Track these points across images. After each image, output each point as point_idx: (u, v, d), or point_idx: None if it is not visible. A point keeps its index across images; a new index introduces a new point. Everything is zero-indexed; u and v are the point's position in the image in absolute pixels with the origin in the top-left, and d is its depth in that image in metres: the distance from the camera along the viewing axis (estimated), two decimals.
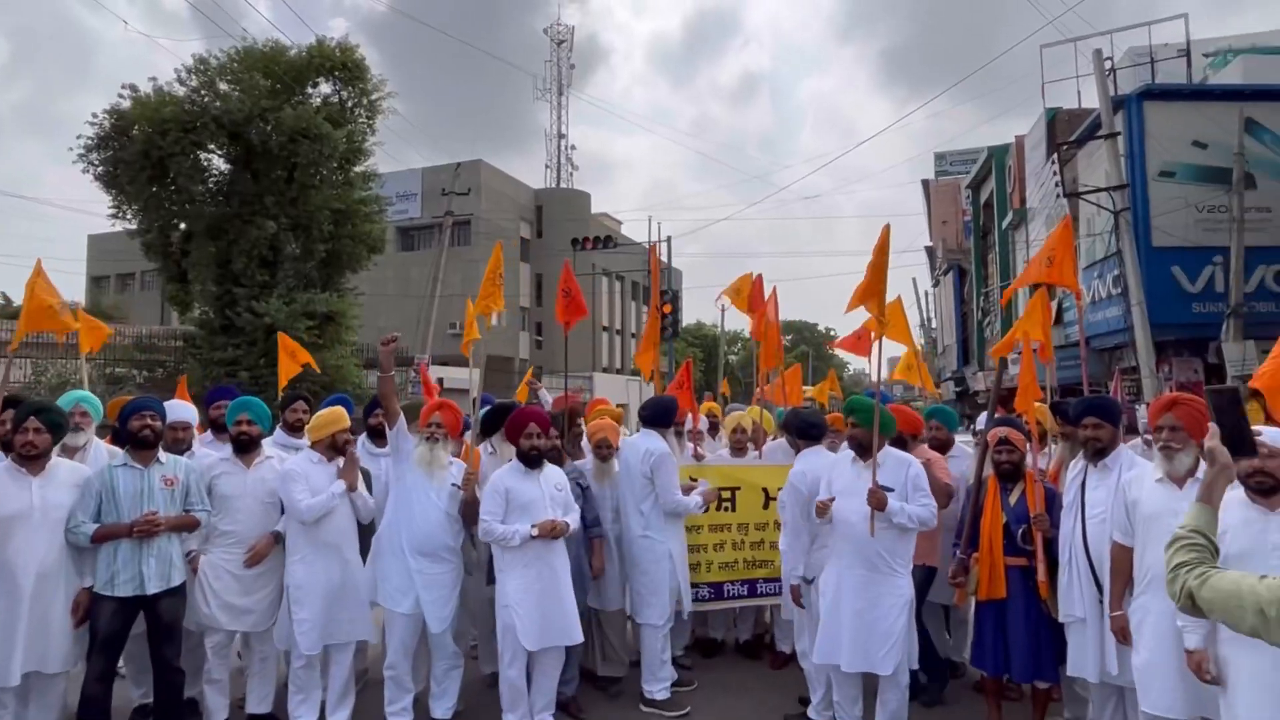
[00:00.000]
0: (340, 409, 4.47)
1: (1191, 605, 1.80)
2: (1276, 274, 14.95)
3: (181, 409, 4.56)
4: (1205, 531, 1.91)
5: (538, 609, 4.02)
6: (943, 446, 5.11)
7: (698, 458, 5.44)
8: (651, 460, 4.74)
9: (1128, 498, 3.47)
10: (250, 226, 16.56)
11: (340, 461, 4.34)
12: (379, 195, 19.03)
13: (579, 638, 4.15)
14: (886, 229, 4.37)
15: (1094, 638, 3.76)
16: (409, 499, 4.28)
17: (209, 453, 4.50)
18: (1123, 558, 3.50)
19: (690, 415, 5.84)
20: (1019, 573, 4.12)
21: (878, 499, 3.95)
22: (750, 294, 6.58)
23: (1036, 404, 4.56)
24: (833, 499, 4.06)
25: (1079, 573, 3.80)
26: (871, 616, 3.94)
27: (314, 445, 4.33)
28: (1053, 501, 4.15)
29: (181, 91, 16.57)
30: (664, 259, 29.89)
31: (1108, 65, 15.67)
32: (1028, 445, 4.36)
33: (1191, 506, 1.98)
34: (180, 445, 4.42)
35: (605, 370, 44.43)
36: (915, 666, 4.04)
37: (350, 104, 17.83)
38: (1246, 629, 1.70)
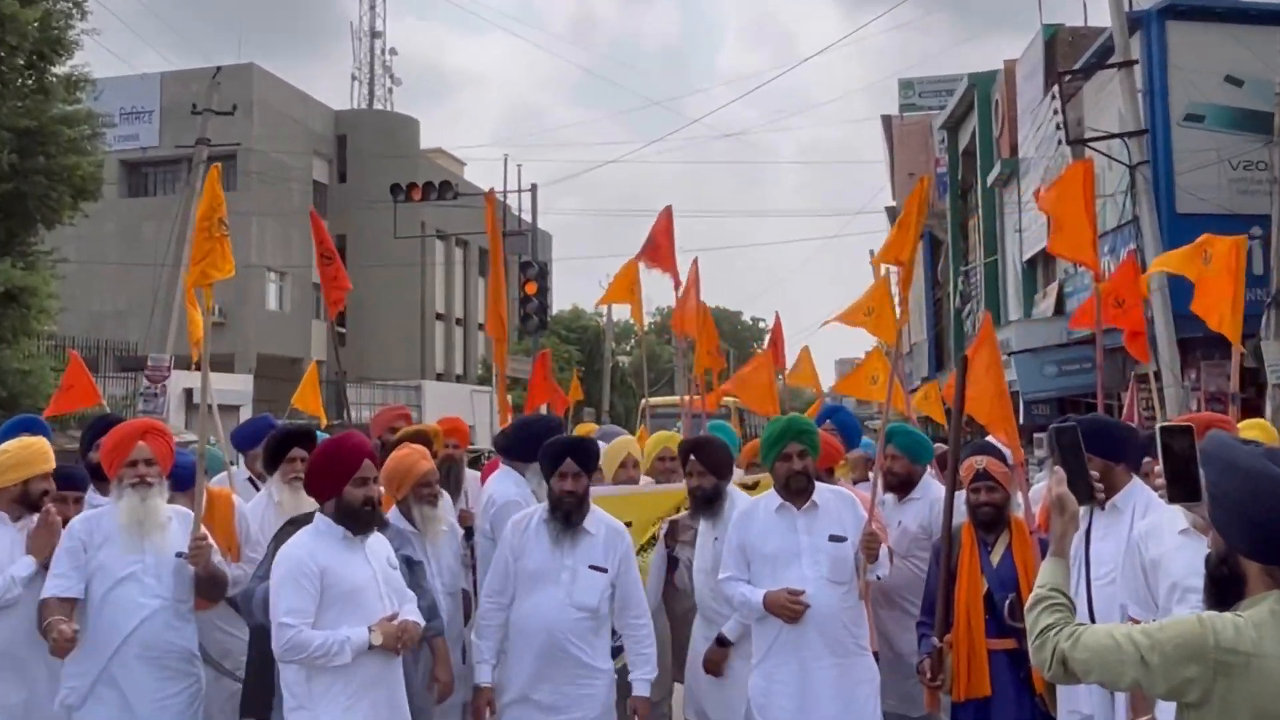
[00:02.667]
0: (39, 442, 4.30)
1: (1064, 671, 2.18)
2: None
3: None
4: (1063, 589, 2.34)
5: None
6: (903, 485, 5.28)
7: None
8: (491, 512, 4.77)
9: (1144, 557, 3.64)
10: None
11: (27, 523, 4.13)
12: (93, 111, 18.06)
13: None
14: (925, 182, 4.74)
15: None
16: (106, 585, 4.03)
17: None
18: None
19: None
20: (1006, 659, 4.27)
21: (874, 544, 4.29)
22: (661, 242, 6.59)
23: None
24: (803, 593, 4.21)
25: None
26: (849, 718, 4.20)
27: None
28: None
29: None
30: (525, 215, 29.72)
31: None
32: (1013, 479, 4.53)
33: (1045, 564, 2.43)
34: None
35: (440, 377, 43.80)
36: None
37: None
38: (1127, 684, 2.08)
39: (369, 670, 3.77)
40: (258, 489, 5.73)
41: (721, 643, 4.70)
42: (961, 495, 4.54)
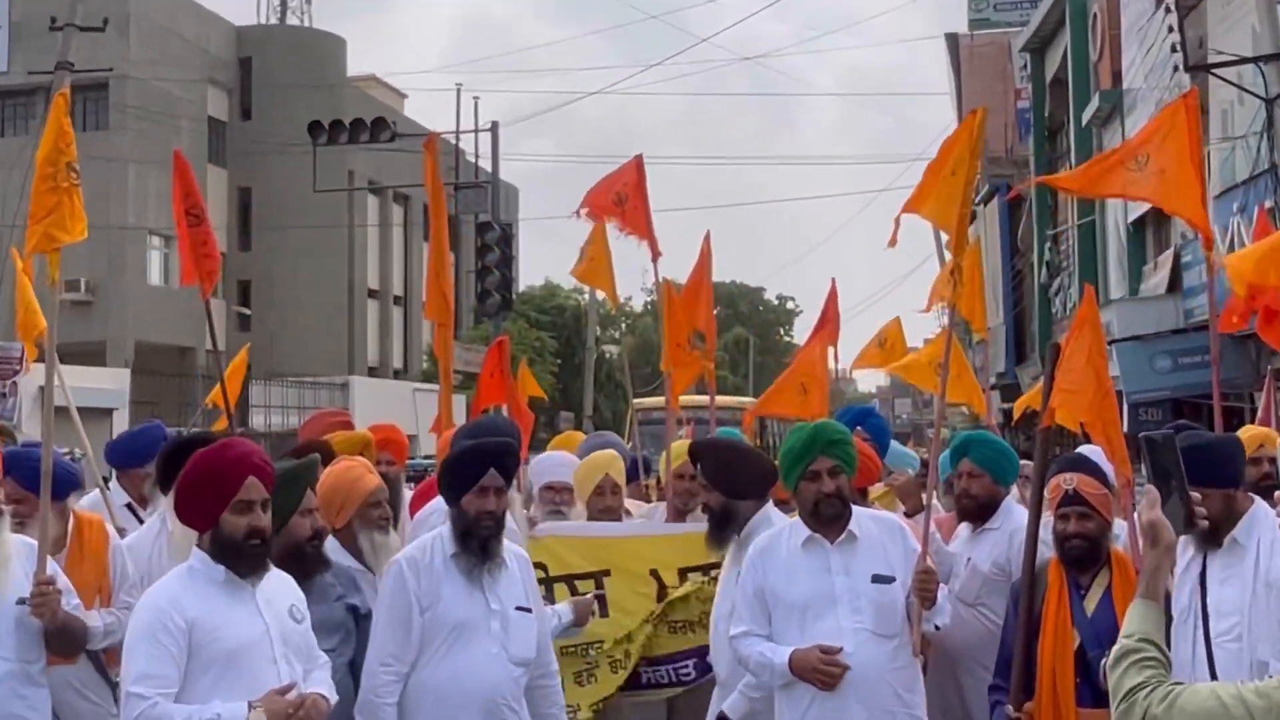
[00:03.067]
0: None
1: None
2: None
3: None
4: (1155, 639, 2.41)
5: None
6: (981, 511, 5.33)
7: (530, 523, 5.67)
8: None
9: None
10: None
11: None
12: None
13: None
14: (979, 114, 4.84)
15: None
16: None
17: None
18: None
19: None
20: None
21: (930, 585, 4.32)
22: (635, 200, 6.63)
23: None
24: (840, 651, 4.22)
25: None
26: None
27: None
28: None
29: None
30: (484, 162, 29.67)
31: None
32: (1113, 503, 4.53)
33: (1133, 607, 2.52)
34: None
35: (374, 371, 43.79)
36: None
37: None
38: None
39: None
40: (139, 519, 5.73)
41: None
42: (1048, 524, 4.54)
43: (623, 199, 6.94)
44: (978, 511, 5.33)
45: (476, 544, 4.32)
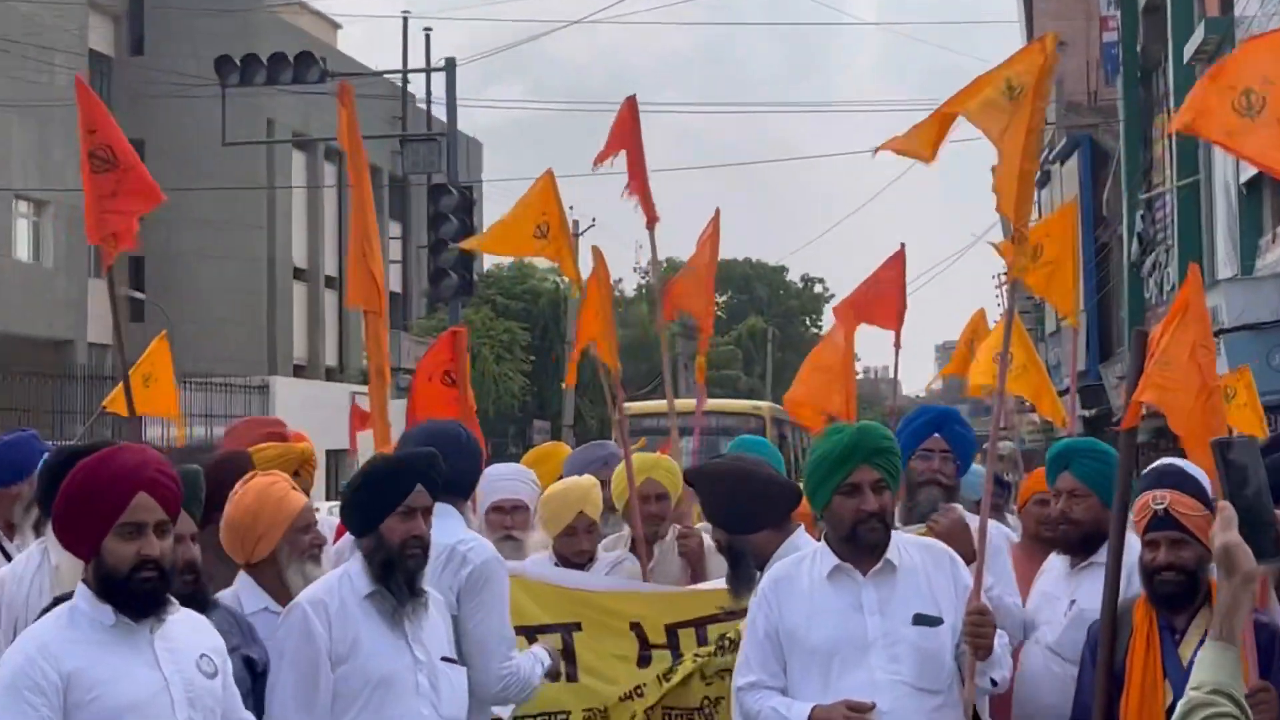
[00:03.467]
0: None
1: None
2: None
3: None
4: (1231, 690, 2.42)
5: None
6: (1085, 541, 5.29)
7: None
8: (463, 575, 4.84)
9: None
10: None
11: None
12: None
13: None
14: (1049, 40, 4.88)
15: None
16: None
17: None
18: None
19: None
20: None
21: (985, 628, 4.34)
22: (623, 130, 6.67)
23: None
24: (873, 708, 4.25)
25: None
26: None
27: None
28: (1271, 653, 4.34)
29: None
30: (438, 110, 29.64)
31: None
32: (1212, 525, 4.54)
33: (1204, 651, 2.52)
34: None
35: (300, 370, 43.81)
36: None
37: None
38: None
39: None
40: (5, 552, 5.74)
41: None
42: (1134, 551, 4.59)
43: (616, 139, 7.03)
44: (1081, 541, 5.27)
45: (402, 578, 4.37)
